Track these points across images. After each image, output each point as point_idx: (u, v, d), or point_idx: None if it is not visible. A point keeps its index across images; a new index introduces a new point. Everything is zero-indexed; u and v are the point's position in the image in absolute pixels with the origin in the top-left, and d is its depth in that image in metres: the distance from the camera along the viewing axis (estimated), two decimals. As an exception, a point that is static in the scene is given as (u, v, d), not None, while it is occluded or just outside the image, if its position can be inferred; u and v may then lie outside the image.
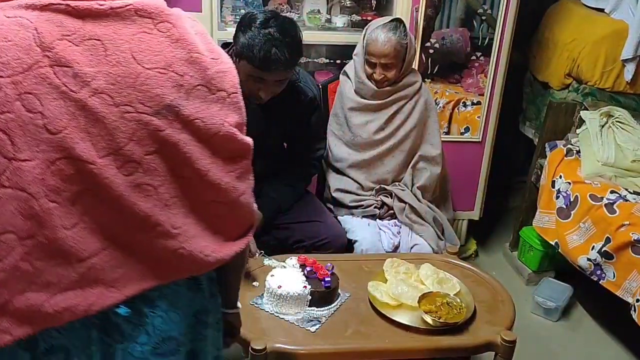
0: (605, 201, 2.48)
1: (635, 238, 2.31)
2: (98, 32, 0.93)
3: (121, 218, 0.98)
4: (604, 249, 2.43)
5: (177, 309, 1.09)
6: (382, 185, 2.39)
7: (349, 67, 2.40)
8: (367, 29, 2.29)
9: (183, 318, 1.11)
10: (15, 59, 0.89)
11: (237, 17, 2.63)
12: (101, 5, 0.94)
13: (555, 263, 2.98)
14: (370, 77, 2.30)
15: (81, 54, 0.91)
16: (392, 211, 2.35)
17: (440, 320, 1.69)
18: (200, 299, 1.15)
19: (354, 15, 2.77)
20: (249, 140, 1.09)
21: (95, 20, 0.93)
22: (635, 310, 2.29)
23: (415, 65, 2.68)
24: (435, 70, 2.78)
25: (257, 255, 1.88)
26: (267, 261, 1.82)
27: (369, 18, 2.70)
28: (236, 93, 1.06)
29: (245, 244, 1.14)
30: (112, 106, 0.93)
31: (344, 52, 2.67)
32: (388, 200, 2.36)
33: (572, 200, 2.62)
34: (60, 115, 0.91)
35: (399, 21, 2.27)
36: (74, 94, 0.91)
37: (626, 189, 2.55)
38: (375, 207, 2.35)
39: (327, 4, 2.78)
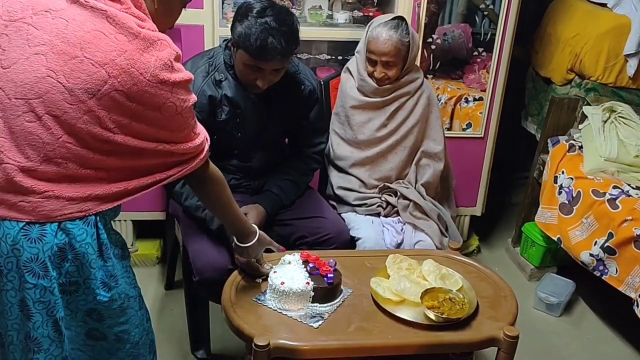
0: (607, 196, 2.48)
1: (638, 233, 2.31)
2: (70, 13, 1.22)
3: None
4: (606, 244, 2.42)
5: None
6: (386, 184, 2.38)
7: (352, 64, 2.39)
8: (369, 27, 2.28)
9: None
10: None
11: (239, 13, 2.63)
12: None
13: (557, 259, 2.98)
14: (371, 75, 2.29)
15: (48, 25, 1.21)
16: (397, 208, 2.34)
17: (443, 316, 1.69)
18: None
19: (356, 11, 2.76)
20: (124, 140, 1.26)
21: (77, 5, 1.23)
22: (637, 306, 2.29)
23: (417, 61, 2.68)
24: (437, 66, 2.77)
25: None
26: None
27: (371, 14, 2.70)
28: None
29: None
30: (44, 68, 1.20)
31: (346, 49, 2.66)
32: (392, 200, 2.35)
33: (574, 195, 2.62)
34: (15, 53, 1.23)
35: (401, 19, 2.25)
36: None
37: (629, 184, 2.55)
38: (379, 206, 2.35)
39: (329, 0, 2.78)
